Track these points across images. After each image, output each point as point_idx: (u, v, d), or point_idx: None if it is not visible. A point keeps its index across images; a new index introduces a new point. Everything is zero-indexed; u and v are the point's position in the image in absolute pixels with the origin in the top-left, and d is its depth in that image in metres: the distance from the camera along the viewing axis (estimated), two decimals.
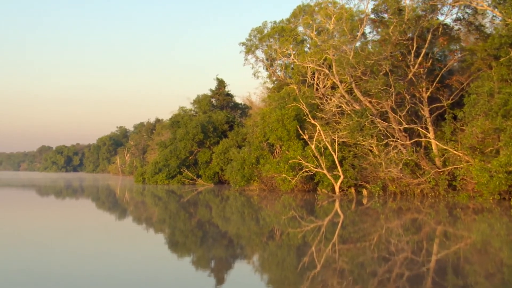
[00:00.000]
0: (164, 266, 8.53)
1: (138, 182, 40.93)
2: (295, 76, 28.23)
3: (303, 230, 13.01)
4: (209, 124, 38.84)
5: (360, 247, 10.30)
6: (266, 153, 25.62)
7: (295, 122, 24.77)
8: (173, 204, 23.55)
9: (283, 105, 25.76)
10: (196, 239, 11.85)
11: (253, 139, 26.42)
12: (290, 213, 17.71)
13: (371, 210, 18.38)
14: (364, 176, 22.89)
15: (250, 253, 10.31)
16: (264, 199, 23.69)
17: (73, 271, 7.52)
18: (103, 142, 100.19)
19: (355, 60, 20.70)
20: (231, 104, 46.88)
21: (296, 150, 23.78)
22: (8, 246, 10.33)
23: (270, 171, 24.04)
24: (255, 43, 29.20)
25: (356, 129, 21.16)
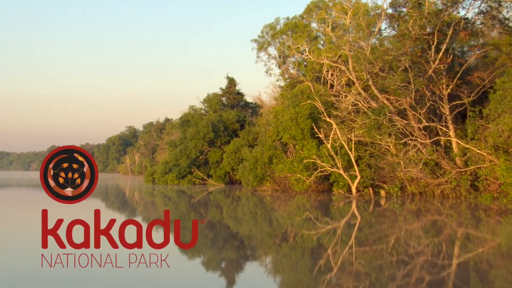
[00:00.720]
0: (173, 267, 8.54)
1: (148, 182, 41.29)
2: (308, 74, 28.10)
3: (318, 232, 12.91)
4: (219, 123, 38.97)
5: (378, 249, 10.16)
6: (279, 153, 25.55)
7: (309, 120, 24.65)
8: (183, 204, 23.71)
9: (296, 103, 25.66)
10: (207, 240, 11.94)
11: (265, 138, 26.38)
12: (304, 214, 17.63)
13: (389, 211, 18.18)
14: (381, 176, 22.64)
15: (262, 255, 10.26)
16: (277, 200, 23.67)
17: (82, 273, 7.51)
18: (113, 141, 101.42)
19: (372, 55, 20.48)
20: (242, 103, 47.02)
21: (310, 150, 23.65)
22: (17, 247, 10.60)
23: (284, 171, 23.97)
24: (267, 39, 29.15)
25: (373, 128, 20.93)
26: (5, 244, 11.04)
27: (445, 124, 21.20)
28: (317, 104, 23.07)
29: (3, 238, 12.24)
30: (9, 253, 10.05)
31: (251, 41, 29.88)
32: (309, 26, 28.65)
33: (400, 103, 20.59)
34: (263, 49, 29.08)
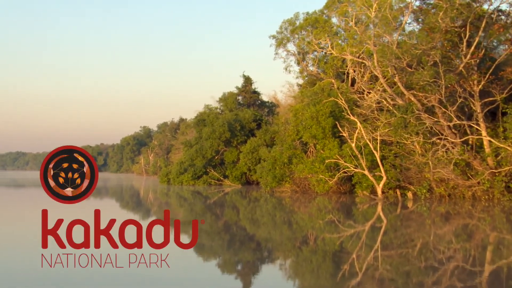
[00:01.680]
0: (189, 268, 8.58)
1: (163, 182, 41.58)
2: (329, 71, 27.78)
3: (341, 235, 12.67)
4: (236, 123, 38.95)
5: (404, 254, 9.88)
6: (299, 152, 25.32)
7: (331, 119, 24.35)
8: (199, 205, 23.68)
9: (316, 101, 25.39)
10: (223, 242, 11.85)
11: (285, 137, 26.17)
12: (326, 216, 17.37)
13: (417, 214, 17.77)
14: (407, 177, 22.18)
15: (281, 258, 10.10)
16: (296, 201, 23.45)
17: (96, 273, 7.59)
18: (127, 142, 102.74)
19: (399, 50, 20.03)
20: (258, 102, 46.99)
21: (332, 149, 23.36)
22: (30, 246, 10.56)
23: (304, 172, 23.73)
24: (286, 35, 28.94)
25: (400, 126, 20.48)
26: (15, 244, 11.12)
27: (476, 122, 20.62)
28: (340, 102, 22.76)
29: (14, 237, 12.36)
30: (17, 252, 10.10)
31: (270, 37, 29.78)
32: (330, 21, 28.34)
33: (429, 100, 20.10)
34: (281, 45, 28.88)
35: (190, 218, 17.86)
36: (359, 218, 17.19)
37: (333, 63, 26.53)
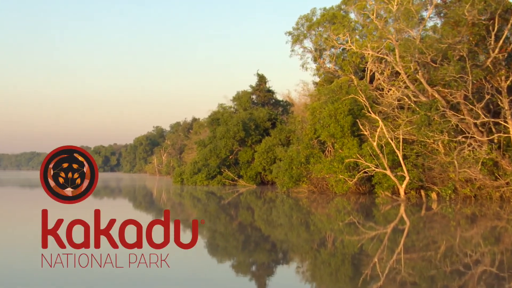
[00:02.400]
0: (203, 270, 8.57)
1: (176, 182, 41.45)
2: (347, 67, 27.22)
3: (362, 238, 12.27)
4: (250, 122, 38.62)
5: (429, 258, 9.45)
6: (317, 152, 24.80)
7: (350, 117, 23.79)
8: (213, 206, 23.43)
9: (334, 99, 24.87)
10: (237, 243, 11.69)
11: (302, 136, 25.68)
12: (345, 218, 16.91)
13: (442, 215, 17.16)
14: (430, 177, 21.51)
15: (297, 261, 9.87)
16: (313, 202, 23.04)
17: (108, 273, 7.61)
18: (140, 142, 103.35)
19: (423, 44, 19.37)
20: (272, 101, 46.63)
21: (351, 148, 22.80)
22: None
23: (322, 172, 23.22)
24: (303, 32, 28.44)
25: (423, 124, 19.82)
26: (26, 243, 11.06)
27: (503, 119, 19.86)
28: (360, 99, 22.18)
29: (18, 237, 12.34)
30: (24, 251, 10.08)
31: (286, 33, 29.32)
32: (348, 16, 27.76)
33: (454, 97, 19.40)
34: (298, 42, 28.40)
35: (204, 219, 17.41)
36: (380, 220, 16.69)
37: (352, 59, 25.95)
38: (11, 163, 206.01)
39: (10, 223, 16.82)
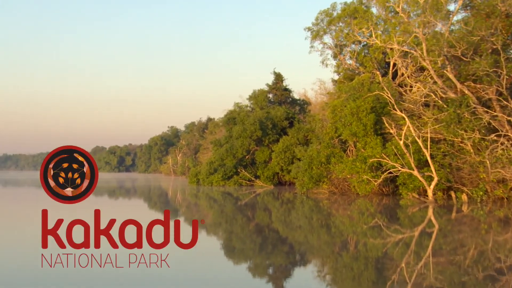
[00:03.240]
0: (219, 272, 8.55)
1: (192, 183, 41.08)
2: (368, 64, 26.38)
3: (386, 241, 11.73)
4: (267, 121, 38.04)
5: (460, 263, 8.94)
6: (338, 151, 24.05)
7: (373, 115, 22.97)
8: (229, 206, 23.05)
9: (356, 96, 24.08)
10: (254, 245, 11.51)
11: (322, 135, 24.94)
12: (369, 220, 16.29)
13: (473, 218, 16.30)
14: (459, 178, 20.56)
15: (318, 264, 9.62)
16: (334, 203, 22.42)
17: (125, 275, 7.71)
18: (155, 142, 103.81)
19: (454, 37, 18.46)
20: (289, 99, 46.00)
21: (374, 147, 21.98)
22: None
23: (345, 172, 22.46)
24: (322, 27, 27.70)
25: (453, 122, 18.90)
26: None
27: None
28: (385, 95, 21.35)
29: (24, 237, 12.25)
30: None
31: (305, 29, 28.63)
32: (369, 11, 26.92)
33: (486, 93, 18.44)
34: (318, 37, 27.64)
35: (220, 220, 17.58)
36: (406, 222, 16.00)
37: (374, 55, 25.10)
38: (28, 164, 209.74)
39: (15, 222, 16.80)
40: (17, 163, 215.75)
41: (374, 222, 15.59)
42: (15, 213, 20.67)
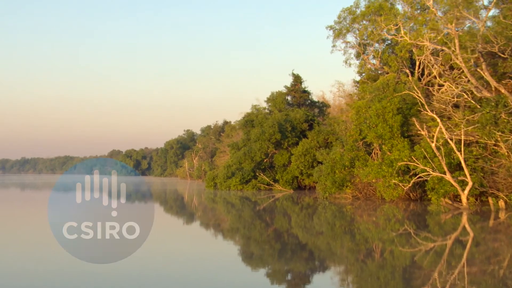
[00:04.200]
0: (237, 277, 8.47)
1: (209, 187, 40.56)
2: (393, 63, 25.47)
3: (416, 250, 11.14)
4: (286, 123, 37.36)
5: (496, 274, 8.44)
6: (363, 154, 23.17)
7: (399, 116, 22.05)
8: (248, 211, 22.57)
9: (381, 97, 23.20)
10: (273, 251, 11.30)
11: (346, 137, 24.10)
12: (396, 226, 15.57)
13: (510, 226, 15.31)
14: (494, 183, 19.47)
15: (341, 272, 9.32)
16: (358, 209, 21.65)
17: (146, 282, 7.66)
18: (171, 145, 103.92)
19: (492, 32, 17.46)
20: (308, 101, 45.38)
21: (402, 150, 21.05)
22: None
23: (370, 176, 21.57)
24: (345, 25, 26.89)
25: (488, 123, 17.89)
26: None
27: None
28: (415, 95, 20.42)
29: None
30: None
31: (327, 28, 27.85)
32: (395, 8, 26.02)
33: None
34: (340, 36, 26.84)
35: (238, 226, 17.32)
36: (437, 230, 15.23)
37: (400, 54, 24.18)
38: (46, 167, 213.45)
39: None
40: (35, 167, 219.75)
41: (403, 229, 14.93)
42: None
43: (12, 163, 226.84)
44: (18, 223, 17.83)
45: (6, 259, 10.28)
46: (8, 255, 10.73)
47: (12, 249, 11.47)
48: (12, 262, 9.89)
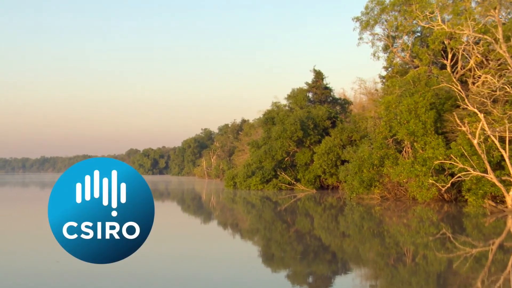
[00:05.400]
0: (257, 279, 8.41)
1: (228, 186, 39.87)
2: (424, 56, 24.22)
3: (453, 255, 10.46)
4: (308, 120, 36.36)
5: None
6: (393, 152, 22.03)
7: (433, 111, 20.82)
8: (268, 212, 21.96)
9: (412, 91, 22.01)
10: (295, 253, 10.99)
11: (374, 134, 22.96)
12: (431, 230, 14.69)
13: None
14: None
15: (370, 277, 8.87)
16: (388, 210, 20.68)
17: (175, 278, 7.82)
18: (188, 144, 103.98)
19: None
20: (330, 98, 44.33)
21: (436, 148, 19.85)
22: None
23: (402, 175, 20.44)
24: (373, 16, 25.74)
25: None
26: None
27: None
28: (455, 88, 19.19)
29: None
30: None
31: (353, 19, 26.75)
32: None
33: None
34: (368, 27, 25.71)
35: (258, 226, 16.94)
36: (476, 234, 14.21)
37: (432, 46, 22.93)
38: (65, 166, 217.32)
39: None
40: (54, 165, 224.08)
41: (441, 233, 14.17)
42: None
43: (32, 162, 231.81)
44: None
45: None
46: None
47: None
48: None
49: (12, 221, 19.23)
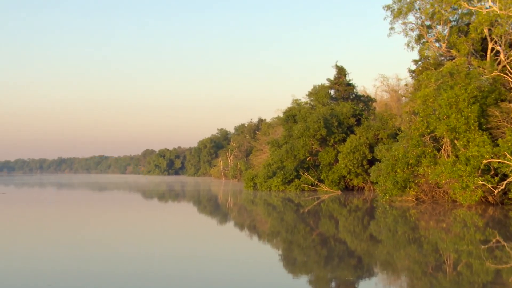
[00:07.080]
0: (278, 283, 8.30)
1: (248, 187, 38.45)
2: (462, 46, 22.48)
3: (502, 264, 9.65)
4: (332, 118, 34.81)
5: None
6: (431, 150, 20.31)
7: (476, 105, 19.10)
8: (291, 215, 20.90)
9: (450, 84, 20.30)
10: (319, 258, 10.69)
11: (410, 131, 21.29)
12: (475, 235, 13.57)
13: None
14: None
15: (402, 285, 8.42)
16: (425, 214, 19.26)
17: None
18: (204, 144, 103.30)
19: None
20: (353, 95, 42.80)
21: (481, 146, 18.12)
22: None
23: (443, 175, 18.75)
24: (405, 3, 23.99)
25: None
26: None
27: None
28: (508, 78, 17.48)
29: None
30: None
31: (384, 7, 25.09)
32: None
33: None
34: (401, 15, 24.04)
35: (279, 229, 16.19)
36: None
37: (472, 35, 21.19)
38: (81, 167, 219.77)
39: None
40: (71, 166, 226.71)
41: (495, 240, 12.85)
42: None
43: (49, 163, 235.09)
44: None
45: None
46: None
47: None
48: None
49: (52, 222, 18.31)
